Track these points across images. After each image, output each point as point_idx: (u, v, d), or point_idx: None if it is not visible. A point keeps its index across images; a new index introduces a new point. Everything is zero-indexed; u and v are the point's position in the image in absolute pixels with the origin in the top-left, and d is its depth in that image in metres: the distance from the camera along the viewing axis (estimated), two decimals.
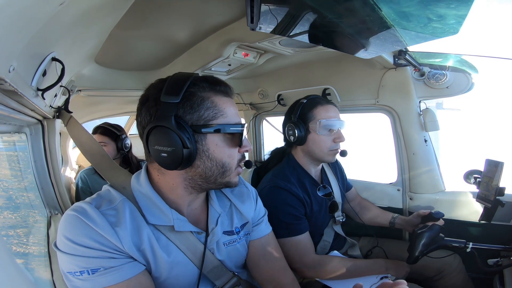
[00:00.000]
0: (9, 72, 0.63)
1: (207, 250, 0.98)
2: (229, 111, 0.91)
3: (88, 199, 0.90)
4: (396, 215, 1.85)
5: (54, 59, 0.91)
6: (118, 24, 1.04)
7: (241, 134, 0.92)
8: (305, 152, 1.67)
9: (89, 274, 0.77)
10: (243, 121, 0.96)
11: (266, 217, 1.24)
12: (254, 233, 1.16)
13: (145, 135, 0.86)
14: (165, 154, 0.83)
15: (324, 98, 1.70)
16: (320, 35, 1.17)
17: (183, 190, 0.94)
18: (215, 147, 0.89)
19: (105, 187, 0.97)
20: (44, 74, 0.92)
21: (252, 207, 1.17)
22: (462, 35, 0.94)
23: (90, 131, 2.41)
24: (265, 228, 1.21)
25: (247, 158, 1.06)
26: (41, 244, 1.41)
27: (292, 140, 1.63)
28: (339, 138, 1.59)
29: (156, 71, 1.92)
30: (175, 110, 0.83)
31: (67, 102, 1.46)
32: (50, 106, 1.33)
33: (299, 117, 1.62)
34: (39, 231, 1.47)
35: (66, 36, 0.87)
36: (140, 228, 0.87)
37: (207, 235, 0.99)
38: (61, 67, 0.97)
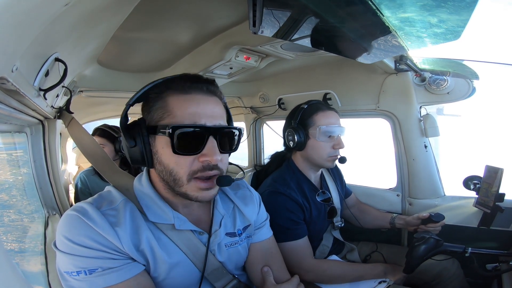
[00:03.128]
0: (12, 71, 0.63)
1: (209, 251, 0.98)
2: (180, 111, 0.85)
3: (89, 199, 0.90)
4: (395, 214, 1.85)
5: (57, 59, 0.91)
6: (121, 25, 1.05)
7: (195, 137, 0.84)
8: (304, 158, 1.67)
9: (86, 274, 0.77)
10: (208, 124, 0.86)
11: (268, 222, 1.24)
12: (255, 236, 1.16)
13: None
14: (124, 150, 0.91)
15: (325, 104, 1.70)
16: (322, 40, 1.18)
17: (164, 190, 0.94)
18: (162, 150, 0.86)
19: (107, 188, 0.97)
20: (46, 74, 0.92)
21: (255, 211, 1.17)
22: (464, 40, 0.94)
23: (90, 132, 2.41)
24: (267, 232, 1.21)
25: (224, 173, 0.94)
26: (38, 245, 1.41)
27: (291, 145, 1.63)
28: (338, 145, 1.59)
29: (158, 73, 1.92)
30: (127, 110, 0.88)
31: (68, 102, 1.47)
32: (52, 106, 1.34)
33: (299, 122, 1.62)
34: (36, 231, 1.46)
35: (69, 36, 0.88)
36: (140, 229, 0.87)
37: (210, 236, 0.99)
38: (64, 67, 0.97)
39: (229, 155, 0.99)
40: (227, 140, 0.92)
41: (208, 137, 0.85)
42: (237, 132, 0.95)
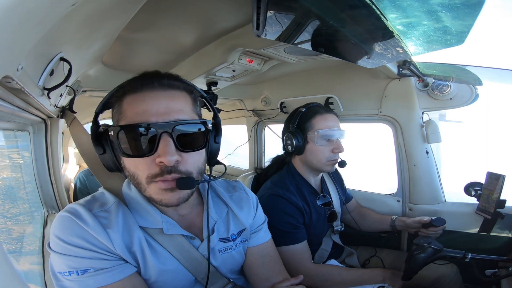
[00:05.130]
0: (17, 70, 0.63)
1: (202, 256, 0.97)
2: (130, 111, 0.81)
3: (81, 200, 0.90)
4: (395, 216, 1.85)
5: (62, 59, 0.92)
6: (126, 26, 1.05)
7: (146, 137, 0.78)
8: (303, 162, 1.67)
9: (78, 274, 0.77)
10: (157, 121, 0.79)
11: (265, 224, 1.22)
12: (252, 240, 1.15)
13: None
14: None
15: (324, 107, 1.70)
16: (325, 44, 1.18)
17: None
18: (122, 154, 0.83)
19: (100, 190, 0.97)
20: (51, 73, 0.93)
21: (251, 214, 1.15)
22: (467, 46, 0.94)
23: None
24: (264, 236, 1.19)
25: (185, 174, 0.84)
26: (36, 243, 1.41)
27: (290, 149, 1.63)
28: (337, 148, 1.58)
29: None
30: (96, 118, 0.87)
31: (72, 102, 1.47)
32: (55, 105, 1.34)
33: (297, 126, 1.62)
34: (35, 229, 1.46)
35: (75, 36, 0.88)
36: (132, 230, 0.87)
37: (208, 242, 0.98)
38: (69, 67, 0.98)
39: (212, 154, 0.94)
40: (189, 137, 0.82)
41: (160, 136, 0.77)
42: (201, 127, 0.84)
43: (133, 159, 0.81)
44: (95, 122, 0.86)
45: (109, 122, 0.93)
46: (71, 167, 3.33)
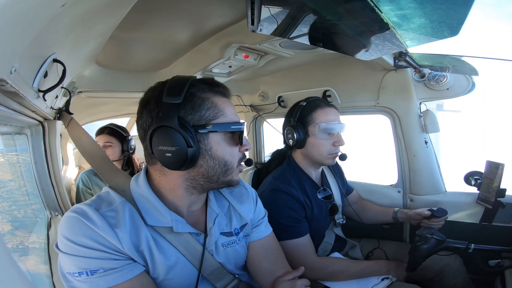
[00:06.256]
0: (11, 73, 0.63)
1: (207, 252, 0.98)
2: (229, 111, 0.93)
3: (88, 201, 0.90)
4: (397, 209, 1.86)
5: (55, 60, 0.91)
6: (119, 25, 1.05)
7: (242, 133, 0.94)
8: (304, 155, 1.66)
9: (87, 275, 0.77)
10: (242, 120, 0.97)
11: (266, 218, 1.23)
12: (253, 234, 1.16)
13: (148, 136, 0.86)
14: (170, 154, 0.84)
15: (324, 101, 1.69)
16: (320, 37, 1.17)
17: (183, 191, 0.94)
18: (217, 145, 0.90)
19: (105, 189, 0.97)
20: (45, 75, 0.92)
21: (251, 209, 1.16)
22: (462, 36, 0.94)
23: (91, 133, 2.41)
24: (265, 230, 1.20)
25: (247, 157, 1.07)
26: (41, 245, 1.41)
27: (291, 143, 1.62)
28: (338, 142, 1.58)
29: (157, 72, 1.92)
30: (177, 110, 0.85)
31: (68, 103, 1.46)
32: (51, 107, 1.34)
33: (298, 120, 1.61)
34: (39, 232, 1.46)
35: (67, 37, 0.88)
36: (139, 229, 0.87)
37: (205, 236, 0.99)
38: (62, 68, 0.97)
39: None
40: None
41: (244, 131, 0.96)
42: None
43: (231, 148, 0.94)
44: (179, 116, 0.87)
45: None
46: (71, 168, 3.33)
